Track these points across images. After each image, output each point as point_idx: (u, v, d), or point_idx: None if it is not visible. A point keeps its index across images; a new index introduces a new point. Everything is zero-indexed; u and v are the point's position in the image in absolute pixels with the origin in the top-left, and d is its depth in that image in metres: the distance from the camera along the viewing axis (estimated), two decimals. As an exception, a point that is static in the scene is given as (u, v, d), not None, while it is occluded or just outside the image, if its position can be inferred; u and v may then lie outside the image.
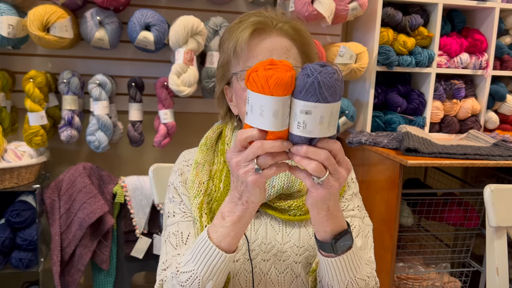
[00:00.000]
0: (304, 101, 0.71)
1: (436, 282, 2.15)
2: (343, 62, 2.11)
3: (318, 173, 0.74)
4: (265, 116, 0.72)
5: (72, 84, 1.99)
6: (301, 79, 0.71)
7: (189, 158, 1.09)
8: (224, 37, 1.01)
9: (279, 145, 0.74)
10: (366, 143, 2.03)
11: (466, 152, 1.90)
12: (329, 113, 0.72)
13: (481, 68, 2.33)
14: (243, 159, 0.76)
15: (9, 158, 1.89)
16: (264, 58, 0.93)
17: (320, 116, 0.71)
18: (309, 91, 0.70)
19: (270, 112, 0.72)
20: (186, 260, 0.90)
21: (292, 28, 0.97)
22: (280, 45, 0.95)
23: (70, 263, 2.03)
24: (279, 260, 1.01)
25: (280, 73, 0.71)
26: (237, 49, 0.95)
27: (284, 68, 0.72)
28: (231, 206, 0.84)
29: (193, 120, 2.34)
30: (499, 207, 1.27)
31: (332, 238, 0.86)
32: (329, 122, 0.72)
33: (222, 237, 0.86)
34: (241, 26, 0.95)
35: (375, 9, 2.15)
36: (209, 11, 2.21)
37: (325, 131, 0.73)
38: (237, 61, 0.97)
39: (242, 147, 0.76)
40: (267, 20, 0.95)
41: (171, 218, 1.04)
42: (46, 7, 1.83)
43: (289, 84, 0.71)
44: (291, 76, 0.71)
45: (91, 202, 1.96)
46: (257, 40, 0.95)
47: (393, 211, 1.87)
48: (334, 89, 0.71)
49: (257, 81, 0.72)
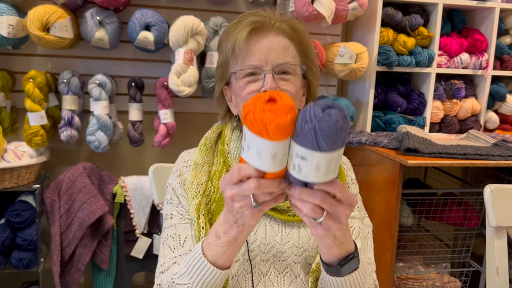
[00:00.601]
0: (300, 146, 0.65)
1: (436, 282, 2.15)
2: (343, 62, 2.11)
3: (313, 215, 0.71)
4: (263, 158, 0.67)
5: (72, 84, 1.99)
6: (300, 123, 0.64)
7: (189, 159, 1.09)
8: (223, 37, 1.01)
9: (277, 185, 0.70)
10: (366, 143, 2.03)
11: (466, 152, 1.90)
12: (326, 162, 0.65)
13: (481, 68, 2.33)
14: (238, 194, 0.72)
15: (9, 158, 1.89)
16: (262, 57, 0.93)
17: (316, 164, 0.65)
18: (306, 137, 0.64)
19: (268, 154, 0.66)
20: (181, 273, 0.89)
21: (290, 27, 0.97)
22: (278, 44, 0.95)
23: (70, 263, 2.03)
24: (278, 260, 1.01)
25: (280, 117, 0.64)
26: (235, 48, 0.95)
27: (284, 109, 0.65)
28: (226, 227, 0.80)
29: (193, 120, 2.34)
30: (499, 207, 1.27)
31: (337, 263, 0.84)
32: (327, 170, 0.66)
33: (217, 255, 0.84)
34: (239, 26, 0.95)
35: (375, 9, 2.15)
36: (209, 11, 2.21)
37: (321, 178, 0.67)
38: (235, 60, 0.97)
39: (238, 181, 0.73)
40: (265, 20, 0.95)
41: (168, 220, 1.04)
42: (46, 7, 1.83)
43: (290, 127, 0.65)
44: (292, 118, 0.65)
45: (91, 202, 1.96)
46: (255, 39, 0.94)
47: (393, 211, 1.87)
48: (334, 139, 0.63)
49: (255, 123, 0.65)
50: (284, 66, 0.94)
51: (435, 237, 2.40)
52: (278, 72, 0.94)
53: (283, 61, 0.94)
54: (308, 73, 1.01)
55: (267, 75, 0.93)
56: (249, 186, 0.70)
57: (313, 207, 0.70)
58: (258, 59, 0.94)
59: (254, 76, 0.95)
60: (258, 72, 0.95)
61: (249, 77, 0.95)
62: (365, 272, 0.91)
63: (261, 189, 0.70)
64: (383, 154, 1.94)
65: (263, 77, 0.94)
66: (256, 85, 0.94)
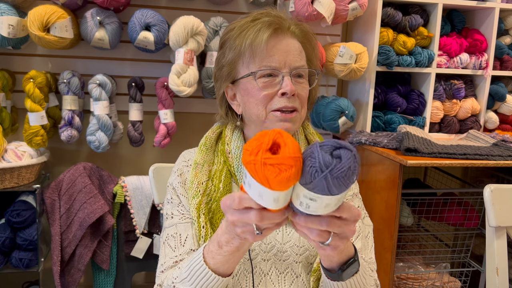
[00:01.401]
0: (309, 191, 0.62)
1: (436, 282, 2.15)
2: (343, 62, 2.11)
3: (321, 239, 0.70)
4: (264, 200, 0.64)
5: (72, 84, 1.99)
6: (309, 171, 0.60)
7: (189, 159, 1.09)
8: (232, 34, 0.99)
9: (280, 217, 0.68)
10: (366, 143, 2.04)
11: (466, 152, 1.90)
12: (336, 200, 0.63)
13: (481, 68, 2.33)
14: (240, 220, 0.71)
15: (9, 158, 1.89)
16: (281, 59, 0.94)
17: (326, 204, 0.63)
18: (317, 185, 0.60)
19: (270, 199, 0.63)
20: (182, 278, 0.89)
21: (302, 31, 0.99)
22: (294, 47, 0.96)
23: (70, 263, 2.03)
24: (279, 260, 1.01)
25: (283, 172, 0.59)
26: (254, 47, 0.94)
27: (288, 163, 0.60)
28: (228, 238, 0.79)
29: (193, 120, 2.34)
30: (499, 207, 1.27)
31: (338, 268, 0.84)
32: (336, 204, 0.65)
33: (219, 264, 0.84)
34: (257, 25, 0.95)
35: (375, 9, 2.15)
36: (209, 11, 2.21)
37: (329, 210, 0.65)
38: (252, 59, 0.96)
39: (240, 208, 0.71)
40: (282, 21, 0.96)
41: (169, 220, 1.04)
42: (46, 7, 1.83)
43: (294, 178, 0.61)
44: (297, 170, 0.60)
45: (91, 202, 1.96)
46: (274, 40, 0.95)
47: (393, 211, 1.87)
48: (346, 184, 0.60)
49: (256, 175, 0.61)
50: (300, 69, 0.96)
51: (435, 237, 2.40)
52: (295, 75, 0.96)
53: (299, 64, 0.96)
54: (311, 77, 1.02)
55: (286, 77, 0.94)
56: (250, 218, 0.68)
57: (320, 232, 0.69)
58: (277, 61, 0.94)
59: (271, 77, 0.95)
60: (276, 74, 0.95)
61: (267, 78, 0.95)
62: (365, 273, 0.91)
63: (264, 221, 0.68)
64: (383, 154, 1.94)
65: (281, 79, 0.94)
66: (273, 87, 0.95)
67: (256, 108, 0.97)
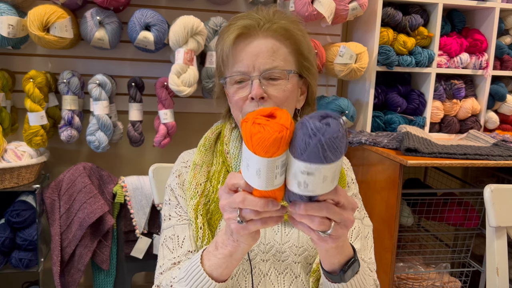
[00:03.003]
0: (305, 162, 0.63)
1: (436, 282, 2.15)
2: (343, 62, 2.11)
3: (323, 228, 0.70)
4: (249, 171, 0.67)
5: (72, 84, 1.99)
6: (302, 139, 0.62)
7: (188, 159, 1.09)
8: (218, 40, 1.01)
9: (262, 205, 0.68)
10: (366, 143, 2.03)
11: (466, 152, 1.90)
12: (332, 171, 0.65)
13: (481, 68, 2.33)
14: (228, 204, 0.72)
15: (9, 158, 1.89)
16: (250, 62, 0.92)
17: (323, 176, 0.64)
18: (312, 153, 0.62)
19: (253, 169, 0.66)
20: (180, 278, 0.89)
21: (281, 27, 0.95)
22: (266, 48, 0.93)
23: (70, 263, 2.03)
24: (278, 260, 1.00)
25: (267, 133, 0.63)
26: (223, 55, 0.95)
27: (275, 127, 0.63)
28: (225, 238, 0.80)
29: (193, 120, 2.34)
30: (499, 207, 1.27)
31: (340, 270, 0.84)
32: (333, 178, 0.66)
33: (214, 266, 0.84)
34: (229, 30, 0.95)
35: (375, 9, 2.15)
36: (209, 11, 2.21)
37: (327, 188, 0.66)
38: (226, 65, 0.97)
39: (230, 190, 0.73)
40: (253, 23, 0.94)
41: (167, 221, 1.05)
42: (46, 7, 1.83)
43: (275, 146, 0.63)
44: (281, 137, 0.63)
45: (91, 202, 1.96)
46: (242, 44, 0.94)
47: (393, 211, 1.87)
48: (339, 148, 0.62)
49: (244, 133, 0.65)
50: (271, 71, 0.93)
51: (435, 237, 2.40)
52: (266, 77, 0.93)
53: (270, 66, 0.93)
54: (304, 72, 0.99)
55: (254, 81, 0.92)
56: (235, 199, 0.70)
57: (321, 220, 0.69)
58: (245, 65, 0.93)
59: (243, 82, 0.95)
60: (246, 79, 0.94)
61: (238, 84, 0.95)
62: (364, 273, 0.91)
63: (245, 204, 0.69)
64: (383, 154, 1.94)
65: (251, 83, 0.93)
66: (244, 91, 0.94)
67: (235, 112, 0.99)
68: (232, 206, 0.71)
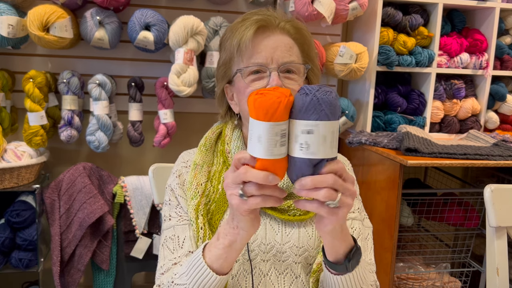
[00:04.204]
0: (305, 120, 0.70)
1: (436, 282, 2.15)
2: (343, 62, 2.11)
3: (331, 197, 0.72)
4: (252, 140, 0.72)
5: (72, 84, 1.99)
6: (300, 99, 0.71)
7: (188, 159, 1.09)
8: (226, 35, 1.01)
9: (263, 177, 0.71)
10: (366, 143, 2.03)
11: (466, 152, 1.89)
12: (330, 132, 0.71)
13: (481, 68, 2.33)
14: (231, 181, 0.75)
15: (9, 158, 1.89)
16: (268, 55, 0.94)
17: (322, 135, 0.70)
18: (309, 109, 0.70)
19: (255, 136, 0.71)
20: (181, 272, 0.89)
21: (294, 27, 0.98)
22: (283, 43, 0.96)
23: (70, 263, 2.03)
24: (278, 260, 1.00)
25: (267, 98, 0.70)
26: (241, 46, 0.95)
27: (276, 94, 0.71)
28: (226, 228, 0.83)
29: (193, 120, 2.34)
30: (499, 207, 1.27)
31: (345, 258, 0.85)
32: (331, 141, 0.71)
33: (214, 257, 0.85)
34: (245, 24, 0.96)
35: (375, 9, 2.15)
36: (209, 11, 2.21)
37: (328, 152, 0.71)
38: (240, 58, 0.97)
39: (235, 168, 0.75)
40: (270, 19, 0.96)
41: (167, 222, 1.05)
42: (46, 7, 1.83)
43: (273, 108, 0.70)
44: (279, 102, 0.70)
45: (91, 202, 1.96)
46: (260, 37, 0.95)
47: (393, 211, 1.87)
48: (334, 106, 0.71)
49: (249, 103, 0.73)
50: (289, 65, 0.95)
51: (435, 237, 2.40)
52: (283, 70, 0.95)
53: (288, 60, 0.95)
54: (310, 73, 1.01)
55: (273, 72, 0.93)
56: (238, 173, 0.73)
57: (328, 189, 0.71)
58: (264, 57, 0.94)
59: (259, 74, 0.95)
60: (263, 70, 0.95)
61: (254, 75, 0.96)
62: (365, 268, 0.92)
63: (247, 176, 0.72)
64: (383, 154, 1.94)
65: (268, 74, 0.94)
66: (261, 83, 0.95)
67: (244, 106, 0.98)
68: (236, 181, 0.74)
